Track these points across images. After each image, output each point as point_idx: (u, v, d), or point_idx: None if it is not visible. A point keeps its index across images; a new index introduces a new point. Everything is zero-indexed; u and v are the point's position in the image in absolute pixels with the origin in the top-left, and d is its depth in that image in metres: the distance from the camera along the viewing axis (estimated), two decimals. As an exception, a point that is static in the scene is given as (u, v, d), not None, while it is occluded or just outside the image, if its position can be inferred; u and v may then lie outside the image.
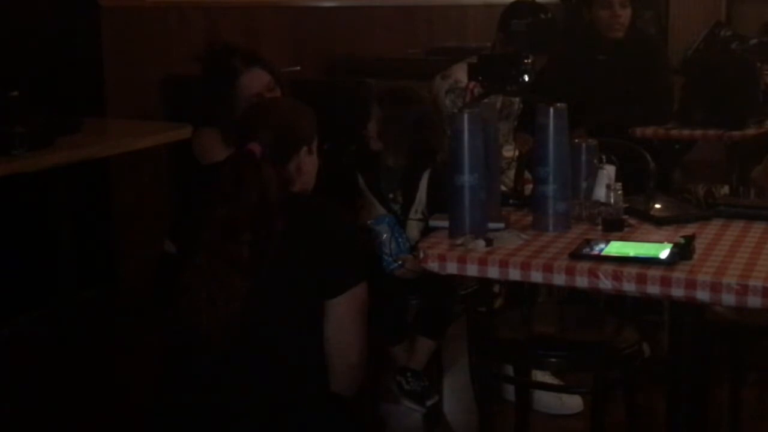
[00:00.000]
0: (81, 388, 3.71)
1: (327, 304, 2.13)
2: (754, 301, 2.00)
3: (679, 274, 2.06)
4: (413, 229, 3.19)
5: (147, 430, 2.59)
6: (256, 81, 2.94)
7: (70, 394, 3.67)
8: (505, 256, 2.22)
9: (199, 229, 2.10)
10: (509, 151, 3.66)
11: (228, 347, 2.08)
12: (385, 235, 3.06)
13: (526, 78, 2.64)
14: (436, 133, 3.23)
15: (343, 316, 2.14)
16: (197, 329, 2.06)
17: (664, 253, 2.13)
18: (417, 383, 3.12)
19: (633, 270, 2.09)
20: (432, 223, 2.54)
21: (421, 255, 2.31)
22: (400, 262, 3.08)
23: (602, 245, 2.22)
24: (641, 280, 2.07)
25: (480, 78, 2.74)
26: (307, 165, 2.29)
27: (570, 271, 2.14)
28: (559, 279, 2.15)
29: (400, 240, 3.09)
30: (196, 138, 3.06)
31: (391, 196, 3.24)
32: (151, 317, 2.66)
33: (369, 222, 3.11)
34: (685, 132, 4.15)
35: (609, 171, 2.58)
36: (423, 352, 3.17)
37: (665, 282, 2.05)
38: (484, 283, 3.04)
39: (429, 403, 3.13)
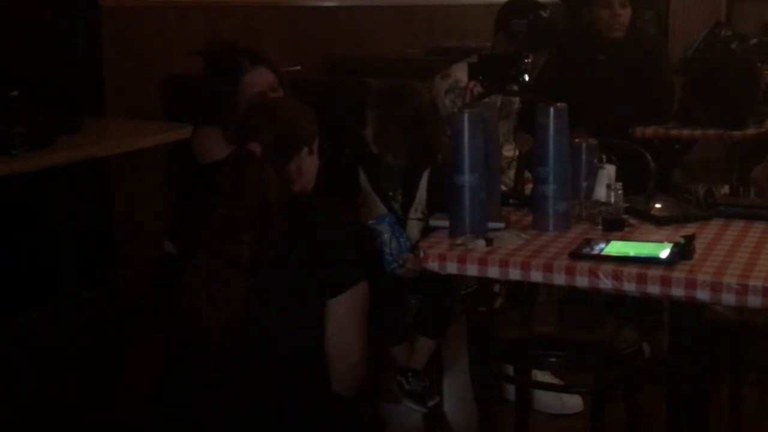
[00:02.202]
0: (81, 388, 3.71)
1: (327, 304, 2.12)
2: (754, 301, 2.00)
3: (679, 273, 2.06)
4: (413, 228, 3.19)
5: (147, 430, 2.59)
6: (260, 80, 2.94)
7: (70, 394, 3.66)
8: (505, 256, 2.22)
9: (199, 229, 2.10)
10: (509, 151, 3.66)
11: (228, 347, 2.08)
12: (385, 235, 3.06)
13: (526, 78, 2.64)
14: (435, 130, 3.23)
15: (344, 316, 2.13)
16: (197, 329, 2.07)
17: (664, 253, 2.13)
18: (418, 383, 3.12)
19: (633, 270, 2.09)
20: (432, 222, 2.54)
21: (422, 255, 2.31)
22: (400, 262, 3.08)
23: (602, 245, 2.22)
24: (641, 279, 2.07)
25: (480, 78, 2.74)
26: (307, 165, 2.29)
27: (570, 271, 2.14)
28: (559, 279, 2.15)
29: (401, 240, 3.09)
30: (196, 137, 3.06)
31: (390, 194, 3.24)
32: (151, 317, 2.66)
33: (370, 222, 3.11)
34: (685, 132, 4.15)
35: (609, 171, 2.58)
36: (423, 352, 3.17)
37: (665, 282, 2.05)
38: (484, 283, 3.04)
39: (430, 403, 3.13)
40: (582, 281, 2.13)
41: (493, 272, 2.22)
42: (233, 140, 2.39)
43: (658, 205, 2.58)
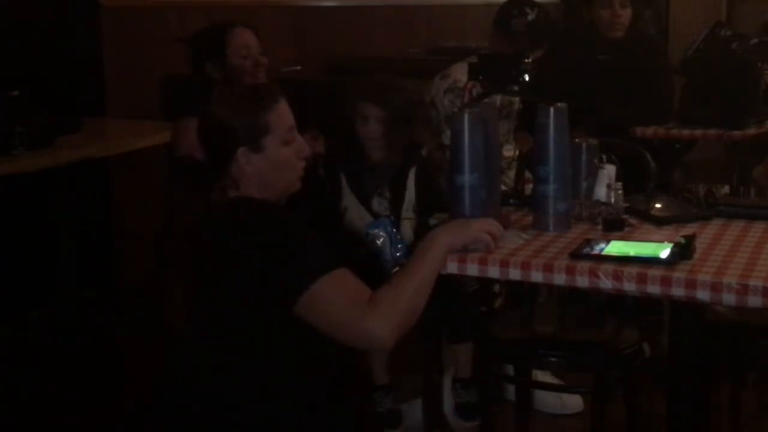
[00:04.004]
0: (81, 388, 3.71)
1: (297, 308, 2.01)
2: (754, 301, 1.99)
3: (679, 273, 2.06)
4: (406, 227, 3.17)
5: (147, 429, 2.59)
6: (246, 36, 3.18)
7: (70, 394, 3.67)
8: (505, 256, 2.22)
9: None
10: (509, 151, 3.66)
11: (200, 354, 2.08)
12: (382, 240, 3.02)
13: (527, 78, 2.64)
14: (420, 124, 3.21)
15: (318, 315, 2.01)
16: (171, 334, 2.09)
17: (664, 253, 2.13)
18: (468, 393, 3.15)
19: (633, 270, 2.09)
20: (432, 223, 2.53)
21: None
22: (398, 268, 3.04)
23: (602, 245, 2.22)
24: (641, 279, 2.07)
25: (480, 78, 2.74)
26: (254, 166, 2.14)
27: (570, 271, 2.13)
28: (560, 279, 2.15)
29: (399, 245, 3.04)
30: (175, 129, 3.06)
31: (379, 191, 3.19)
32: (150, 318, 2.66)
33: (366, 226, 3.07)
34: (686, 132, 4.15)
35: (609, 171, 2.58)
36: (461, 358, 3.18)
37: (665, 282, 2.05)
38: (485, 282, 3.04)
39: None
40: (582, 281, 2.13)
41: (493, 272, 2.22)
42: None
43: (658, 205, 2.57)
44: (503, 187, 2.86)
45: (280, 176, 2.19)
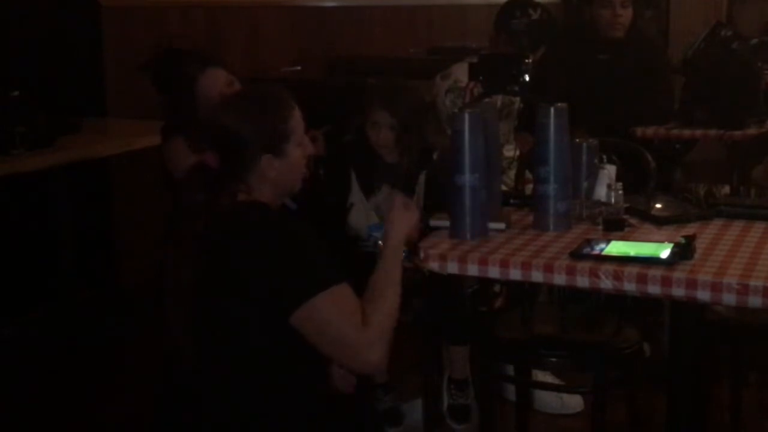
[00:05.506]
0: (81, 389, 3.71)
1: (292, 319, 2.01)
2: (754, 301, 2.00)
3: (679, 273, 2.06)
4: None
5: (147, 430, 2.59)
6: (214, 81, 2.92)
7: (69, 394, 3.67)
8: (505, 255, 2.22)
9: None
10: (510, 151, 3.66)
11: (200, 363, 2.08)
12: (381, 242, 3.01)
13: (527, 78, 2.64)
14: (432, 127, 3.20)
15: (313, 330, 2.02)
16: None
17: (664, 253, 2.13)
18: (461, 395, 3.14)
19: (634, 270, 2.09)
20: (432, 222, 2.53)
21: (422, 255, 2.30)
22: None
23: (603, 245, 2.22)
24: (642, 279, 2.07)
25: (481, 78, 2.73)
26: (276, 171, 2.15)
27: (571, 271, 2.14)
28: (560, 279, 2.15)
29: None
30: (165, 152, 2.97)
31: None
32: (150, 320, 2.66)
33: (367, 228, 3.07)
34: (686, 132, 4.15)
35: (609, 171, 2.58)
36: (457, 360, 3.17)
37: (666, 282, 2.05)
38: (485, 283, 3.04)
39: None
40: (582, 281, 2.13)
41: (493, 272, 2.22)
42: (195, 149, 2.35)
43: (658, 205, 2.57)
44: (503, 187, 2.87)
45: (292, 178, 2.22)
